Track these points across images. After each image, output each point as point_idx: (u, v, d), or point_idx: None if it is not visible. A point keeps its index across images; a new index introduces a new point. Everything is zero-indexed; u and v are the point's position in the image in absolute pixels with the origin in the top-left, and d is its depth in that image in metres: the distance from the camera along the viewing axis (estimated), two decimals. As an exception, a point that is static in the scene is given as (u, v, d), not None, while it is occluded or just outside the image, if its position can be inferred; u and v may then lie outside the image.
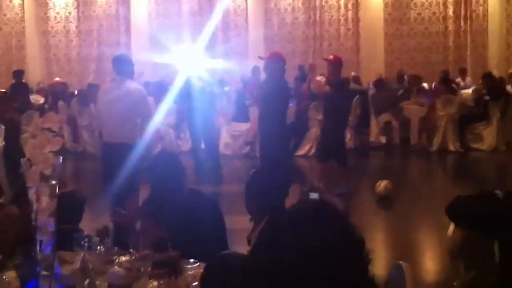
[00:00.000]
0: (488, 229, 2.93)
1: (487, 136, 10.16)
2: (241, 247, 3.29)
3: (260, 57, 6.72)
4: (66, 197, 2.98)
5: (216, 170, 8.41)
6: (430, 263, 5.14)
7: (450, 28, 14.30)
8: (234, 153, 10.10)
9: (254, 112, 10.44)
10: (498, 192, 3.00)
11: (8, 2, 15.80)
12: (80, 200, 3.55)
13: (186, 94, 8.41)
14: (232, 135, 10.55)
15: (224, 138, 10.54)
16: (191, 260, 2.68)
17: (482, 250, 3.00)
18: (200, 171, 8.17)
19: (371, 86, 12.22)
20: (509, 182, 7.68)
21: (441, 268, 4.83)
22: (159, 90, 9.94)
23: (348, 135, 10.64)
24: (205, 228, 2.92)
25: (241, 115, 10.69)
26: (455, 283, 3.32)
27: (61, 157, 2.36)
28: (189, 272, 2.58)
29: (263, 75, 7.70)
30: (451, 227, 3.28)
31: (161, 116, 8.92)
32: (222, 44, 14.56)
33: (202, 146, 8.69)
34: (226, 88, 12.14)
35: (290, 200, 2.63)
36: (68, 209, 2.95)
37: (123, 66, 5.43)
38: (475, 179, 8.41)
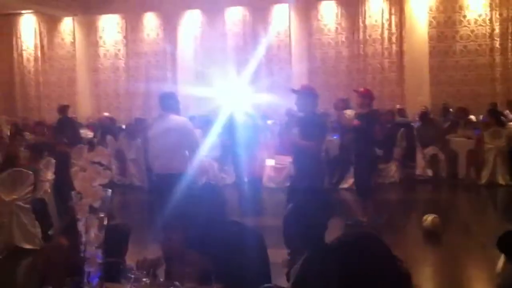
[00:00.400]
0: None
1: (538, 169, 9.86)
2: (280, 281, 3.28)
3: (293, 90, 6.63)
4: (112, 230, 3.04)
5: (257, 203, 8.45)
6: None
7: (497, 60, 14.06)
8: (277, 186, 10.10)
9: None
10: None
11: (60, 40, 16.49)
12: (126, 232, 3.61)
13: (230, 128, 8.52)
14: (275, 168, 10.57)
15: (268, 171, 10.58)
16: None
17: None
18: (243, 204, 8.21)
19: (416, 118, 12.09)
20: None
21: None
22: (205, 124, 10.11)
23: (394, 168, 10.55)
24: (249, 260, 2.93)
25: (284, 148, 10.71)
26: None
27: (110, 190, 2.43)
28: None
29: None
30: (501, 262, 3.19)
31: (206, 149, 9.08)
32: (266, 78, 14.73)
33: (245, 179, 8.74)
34: (269, 122, 12.23)
35: (331, 234, 2.62)
36: (114, 241, 3.02)
37: (168, 101, 5.64)
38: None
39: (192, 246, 2.96)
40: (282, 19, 14.83)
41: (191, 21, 15.42)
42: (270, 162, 10.66)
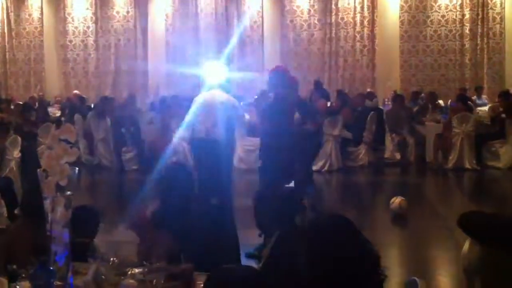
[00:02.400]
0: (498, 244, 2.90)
1: (504, 154, 10.06)
2: (250, 261, 3.29)
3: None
4: (81, 211, 3.00)
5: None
6: (445, 281, 5.08)
7: (467, 46, 14.26)
8: (248, 167, 10.10)
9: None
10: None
11: (27, 16, 16.08)
12: (95, 213, 3.57)
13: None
14: (246, 149, 10.57)
15: (238, 152, 10.55)
16: (205, 273, 2.68)
17: (500, 268, 2.95)
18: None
19: (386, 102, 12.19)
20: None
21: (456, 287, 4.77)
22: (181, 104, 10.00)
23: (363, 151, 10.65)
24: (219, 240, 2.93)
25: (255, 130, 10.70)
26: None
27: (77, 168, 2.38)
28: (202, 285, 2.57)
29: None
30: (467, 243, 3.23)
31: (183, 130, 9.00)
32: (238, 60, 14.65)
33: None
34: (241, 103, 12.18)
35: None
36: (84, 222, 2.97)
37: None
38: (492, 198, 8.33)
39: (162, 225, 2.94)
40: (255, 0, 14.71)
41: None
42: (241, 144, 10.64)
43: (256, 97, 11.86)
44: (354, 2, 14.49)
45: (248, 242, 4.78)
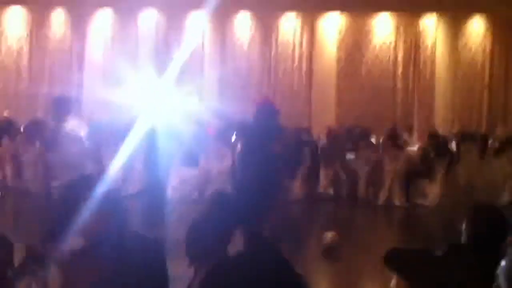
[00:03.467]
0: (421, 281, 2.97)
1: (431, 192, 10.41)
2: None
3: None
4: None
5: (161, 215, 8.29)
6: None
7: (398, 86, 14.79)
8: (182, 198, 9.95)
9: (204, 158, 10.41)
10: (437, 251, 3.09)
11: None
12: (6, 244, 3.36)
13: (145, 136, 8.29)
14: (180, 179, 10.43)
15: (173, 182, 10.40)
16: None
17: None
18: (145, 215, 8.02)
19: (321, 137, 12.40)
20: (449, 239, 7.81)
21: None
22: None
23: (298, 185, 10.72)
24: (146, 273, 2.82)
25: (190, 160, 10.62)
26: None
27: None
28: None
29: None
30: (394, 279, 3.29)
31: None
32: (177, 88, 14.54)
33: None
34: (179, 132, 12.08)
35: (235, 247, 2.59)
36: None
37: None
38: (418, 234, 8.55)
39: (87, 256, 2.80)
40: (197, 28, 14.70)
41: (103, 21, 14.90)
42: (176, 173, 10.50)
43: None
44: (294, 38, 14.78)
45: (177, 274, 4.66)
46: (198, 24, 14.66)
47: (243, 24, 14.77)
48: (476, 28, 14.72)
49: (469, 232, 3.07)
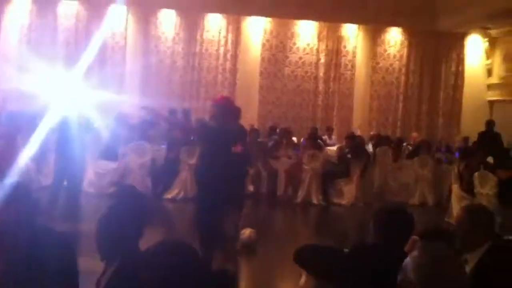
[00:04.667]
0: (329, 278, 3.06)
1: (348, 192, 10.72)
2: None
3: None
4: None
5: (75, 209, 8.08)
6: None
7: (320, 88, 15.13)
8: (98, 192, 9.71)
9: (123, 151, 10.20)
10: (345, 250, 3.19)
11: None
12: None
13: (59, 128, 8.02)
14: (97, 173, 10.17)
15: (89, 175, 10.14)
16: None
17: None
18: (57, 208, 7.78)
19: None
20: (363, 237, 8.09)
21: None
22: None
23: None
24: (53, 268, 2.72)
25: (109, 153, 10.39)
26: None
27: None
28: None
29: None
30: (303, 276, 3.36)
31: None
32: (97, 79, 14.16)
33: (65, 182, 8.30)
34: (95, 125, 11.80)
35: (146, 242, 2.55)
36: None
37: None
38: (335, 232, 8.80)
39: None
40: (119, 21, 14.39)
41: (20, 9, 14.25)
42: (93, 167, 10.23)
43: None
44: (219, 35, 14.76)
45: (89, 268, 4.54)
46: (119, 16, 14.32)
47: (168, 19, 14.57)
48: (394, 37, 15.33)
49: (375, 231, 3.19)
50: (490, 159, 10.29)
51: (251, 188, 11.00)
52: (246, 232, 7.02)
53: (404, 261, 2.27)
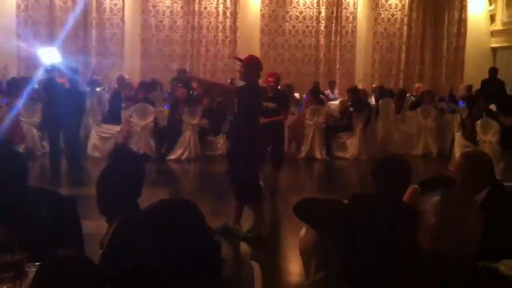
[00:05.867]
0: (329, 229, 3.13)
1: (350, 145, 10.76)
2: (94, 249, 3.19)
3: (236, 58, 6.56)
4: None
5: (76, 172, 8.21)
6: (285, 263, 5.38)
7: (321, 42, 15.00)
8: (102, 155, 9.80)
9: (125, 114, 10.26)
10: (345, 201, 3.25)
11: None
12: None
13: (51, 93, 8.07)
14: (101, 137, 10.25)
15: (93, 139, 10.23)
16: (37, 263, 2.55)
17: (331, 250, 3.16)
18: (59, 172, 7.94)
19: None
20: (367, 189, 8.17)
21: (294, 268, 5.02)
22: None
23: (221, 141, 10.79)
24: (56, 229, 2.80)
25: (112, 117, 10.45)
26: (305, 283, 3.47)
27: None
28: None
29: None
30: (303, 229, 3.44)
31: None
32: (97, 43, 14.11)
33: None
34: (98, 89, 11.84)
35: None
36: None
37: None
38: (338, 185, 8.89)
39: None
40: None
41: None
42: (96, 131, 10.32)
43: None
44: (218, -7, 14.58)
45: (93, 230, 4.65)
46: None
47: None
48: (396, -13, 15.09)
49: (373, 181, 3.23)
50: (493, 107, 10.25)
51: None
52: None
53: (423, 206, 2.32)
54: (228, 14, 14.69)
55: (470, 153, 4.15)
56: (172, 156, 10.16)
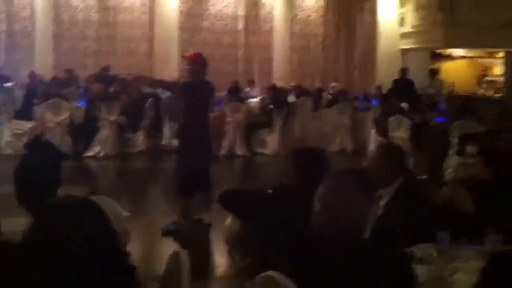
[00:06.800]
0: (253, 219, 3.19)
1: (270, 141, 10.93)
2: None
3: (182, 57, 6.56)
4: None
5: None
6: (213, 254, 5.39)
7: (240, 41, 15.09)
8: (16, 152, 9.35)
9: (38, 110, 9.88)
10: (269, 191, 3.33)
11: None
12: None
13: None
14: (14, 133, 9.80)
15: (6, 136, 9.77)
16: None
17: (256, 238, 3.22)
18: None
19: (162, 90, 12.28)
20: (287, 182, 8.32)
21: (220, 257, 5.05)
22: None
23: (141, 137, 10.60)
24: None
25: (25, 113, 10.03)
26: (230, 270, 3.50)
27: None
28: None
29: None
30: (229, 218, 3.48)
31: None
32: (7, 38, 13.47)
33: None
34: (7, 84, 11.39)
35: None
36: None
37: None
38: (259, 180, 8.99)
39: None
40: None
41: None
42: (9, 127, 9.85)
43: None
44: (134, -11, 14.31)
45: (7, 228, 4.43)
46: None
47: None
48: (312, -12, 15.46)
49: (292, 172, 3.33)
50: (405, 105, 10.75)
51: (174, 142, 10.92)
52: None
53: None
54: (145, 10, 14.45)
55: (385, 143, 4.36)
56: (89, 153, 9.88)
